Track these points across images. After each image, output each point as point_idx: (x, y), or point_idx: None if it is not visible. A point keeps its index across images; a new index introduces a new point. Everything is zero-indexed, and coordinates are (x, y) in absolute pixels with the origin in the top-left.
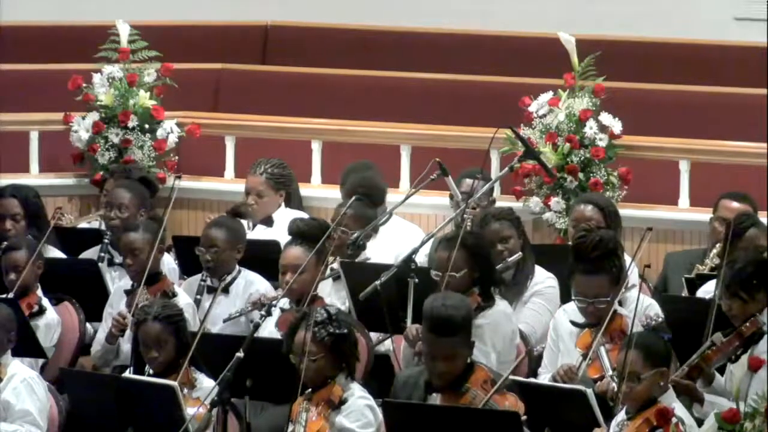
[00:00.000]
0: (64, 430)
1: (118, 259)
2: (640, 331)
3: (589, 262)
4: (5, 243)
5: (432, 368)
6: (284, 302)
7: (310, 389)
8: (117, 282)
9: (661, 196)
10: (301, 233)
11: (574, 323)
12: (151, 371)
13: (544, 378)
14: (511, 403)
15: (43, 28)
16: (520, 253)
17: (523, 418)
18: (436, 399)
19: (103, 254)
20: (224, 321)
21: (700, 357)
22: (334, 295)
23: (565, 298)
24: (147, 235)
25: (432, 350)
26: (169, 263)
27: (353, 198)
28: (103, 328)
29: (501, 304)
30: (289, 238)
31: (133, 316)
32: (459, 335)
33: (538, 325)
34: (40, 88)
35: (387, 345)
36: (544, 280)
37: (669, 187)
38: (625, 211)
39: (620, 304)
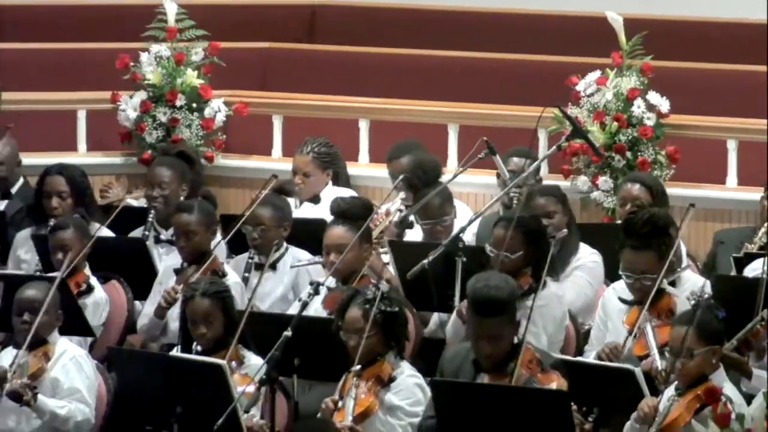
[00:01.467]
0: (113, 409)
1: (164, 235)
2: (694, 308)
3: (638, 238)
4: (52, 222)
5: (478, 349)
6: (330, 281)
7: (359, 366)
8: (164, 258)
9: (709, 175)
10: (342, 212)
11: (622, 300)
12: (199, 348)
13: (590, 356)
14: (557, 382)
15: (91, 7)
16: (566, 230)
17: None
18: (483, 378)
19: (147, 232)
20: (291, 267)
21: (750, 332)
22: None
23: (612, 277)
24: (201, 217)
25: (477, 331)
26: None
27: (400, 177)
28: (152, 302)
29: (552, 286)
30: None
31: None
32: (503, 315)
33: (578, 297)
34: (88, 67)
35: (431, 328)
36: (587, 255)
37: (716, 166)
38: (673, 190)
39: (673, 284)
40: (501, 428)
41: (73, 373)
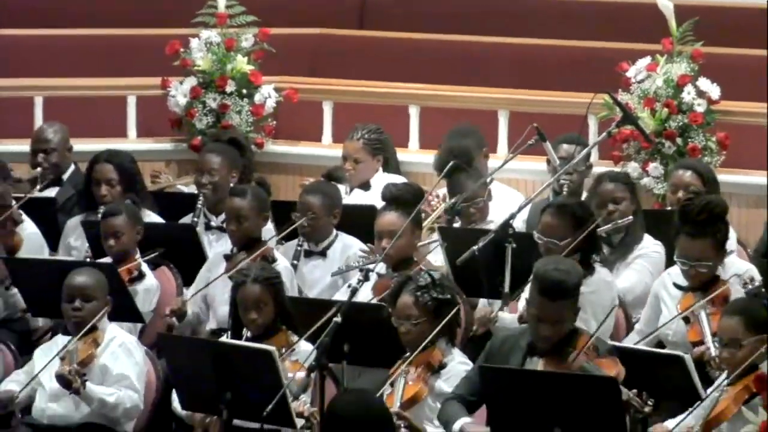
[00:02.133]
0: (162, 395)
1: (214, 222)
2: (741, 297)
3: (694, 225)
4: (102, 209)
5: (538, 331)
6: (381, 267)
7: (409, 353)
8: (214, 245)
9: (760, 162)
10: (394, 198)
11: (677, 286)
12: (249, 334)
13: (635, 339)
14: (616, 369)
15: None
16: (631, 217)
17: None
18: (536, 362)
19: (196, 219)
20: (333, 275)
21: None
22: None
23: (667, 263)
24: (253, 202)
25: (540, 313)
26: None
27: (450, 164)
28: (195, 288)
29: (602, 272)
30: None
31: (231, 281)
32: (568, 299)
33: (638, 284)
34: (138, 53)
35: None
36: (651, 245)
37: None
38: (723, 177)
39: None
40: (550, 415)
41: (122, 360)
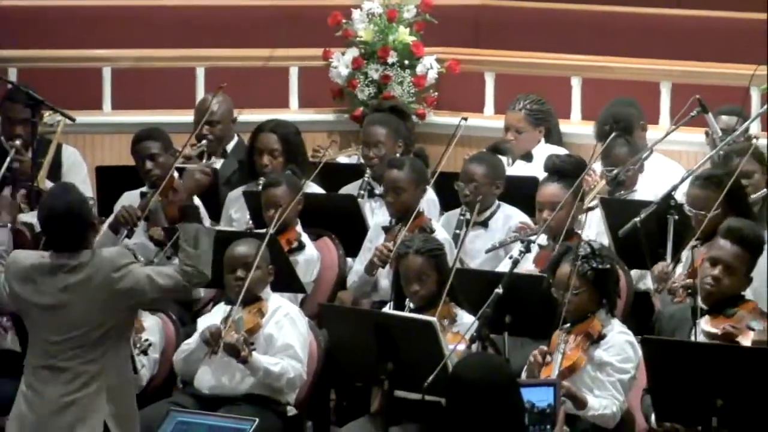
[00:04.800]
0: (323, 365)
1: (378, 190)
2: None
3: None
4: (263, 179)
5: (707, 277)
6: (542, 239)
7: (569, 323)
8: (377, 212)
9: None
10: (557, 170)
11: None
12: (411, 306)
13: None
14: None
15: None
16: (765, 189)
17: None
18: (705, 323)
19: (362, 191)
20: (486, 251)
21: None
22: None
23: None
24: (411, 174)
25: (717, 253)
26: (429, 197)
27: (613, 135)
28: (361, 260)
29: None
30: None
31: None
32: (751, 254)
33: None
34: (301, 24)
35: (648, 283)
36: None
37: None
38: None
39: None
40: (712, 386)
41: (286, 330)
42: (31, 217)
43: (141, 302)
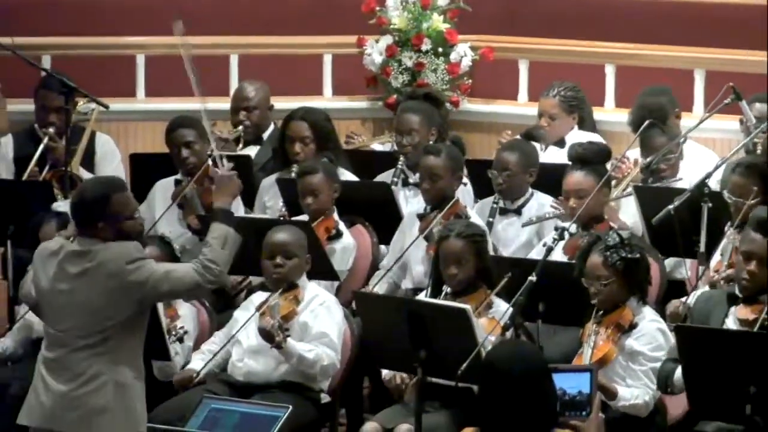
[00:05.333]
0: (357, 353)
1: (412, 179)
2: None
3: None
4: (296, 167)
5: (742, 272)
6: (571, 227)
7: (601, 312)
8: (411, 201)
9: None
10: (580, 158)
11: None
12: (448, 290)
13: None
14: None
15: None
16: None
17: None
18: (738, 310)
19: (396, 179)
20: (523, 225)
21: None
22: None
23: None
24: (448, 161)
25: (750, 247)
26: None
27: (645, 123)
28: (393, 249)
29: None
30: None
31: (426, 240)
32: None
33: None
34: (334, 12)
35: (683, 272)
36: None
37: None
38: None
39: None
40: (746, 374)
41: (322, 317)
42: (64, 206)
43: (151, 297)
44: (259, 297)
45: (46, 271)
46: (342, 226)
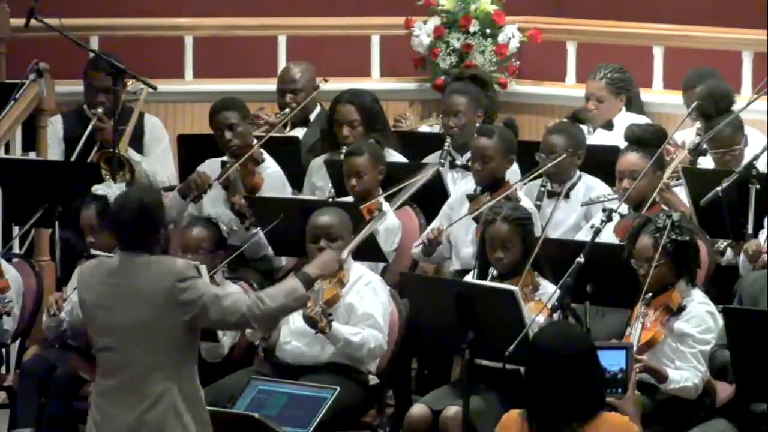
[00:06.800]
0: (404, 335)
1: (459, 161)
2: None
3: None
4: (345, 148)
5: None
6: (622, 208)
7: (650, 294)
8: (458, 183)
9: None
10: (636, 139)
11: None
12: (495, 273)
13: None
14: None
15: None
16: None
17: None
18: None
19: (443, 160)
20: (582, 205)
21: None
22: None
23: None
24: (500, 143)
25: None
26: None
27: (693, 105)
28: (435, 224)
29: None
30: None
31: (475, 221)
32: None
33: None
34: None
35: (728, 256)
36: None
37: None
38: None
39: None
40: None
41: (368, 299)
42: (105, 189)
43: (199, 320)
44: None
45: (95, 287)
46: (386, 207)
